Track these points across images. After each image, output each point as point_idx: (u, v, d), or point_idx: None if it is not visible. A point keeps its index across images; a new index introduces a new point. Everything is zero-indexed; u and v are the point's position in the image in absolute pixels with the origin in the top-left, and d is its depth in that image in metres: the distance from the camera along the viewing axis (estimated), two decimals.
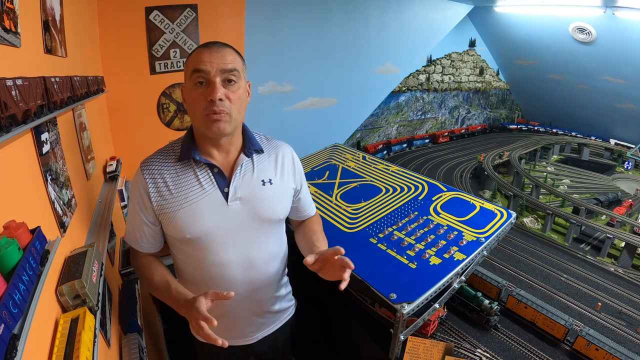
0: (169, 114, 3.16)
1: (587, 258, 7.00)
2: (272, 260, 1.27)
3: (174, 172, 1.11)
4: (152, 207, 1.10)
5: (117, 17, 2.70)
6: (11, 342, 0.55)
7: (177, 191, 1.09)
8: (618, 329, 4.58)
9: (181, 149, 1.13)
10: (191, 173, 1.11)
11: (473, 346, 3.76)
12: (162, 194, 1.09)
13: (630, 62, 9.63)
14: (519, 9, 10.62)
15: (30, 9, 1.10)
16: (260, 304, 1.31)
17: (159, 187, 1.09)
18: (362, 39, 6.93)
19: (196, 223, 1.09)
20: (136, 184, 1.12)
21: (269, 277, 1.27)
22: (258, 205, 1.15)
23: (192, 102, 1.04)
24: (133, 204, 1.14)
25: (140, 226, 1.14)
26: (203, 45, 1.08)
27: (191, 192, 1.10)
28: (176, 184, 1.10)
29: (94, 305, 0.93)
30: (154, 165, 1.11)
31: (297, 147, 1.36)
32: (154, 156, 1.14)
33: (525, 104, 15.23)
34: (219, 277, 1.17)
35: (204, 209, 1.10)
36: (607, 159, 12.48)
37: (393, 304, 1.34)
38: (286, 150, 1.25)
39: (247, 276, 1.20)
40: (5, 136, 0.70)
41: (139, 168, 1.12)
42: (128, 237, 1.19)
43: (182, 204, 1.09)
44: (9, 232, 0.69)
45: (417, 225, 1.81)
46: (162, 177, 1.10)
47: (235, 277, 1.18)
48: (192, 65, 1.04)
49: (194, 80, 1.03)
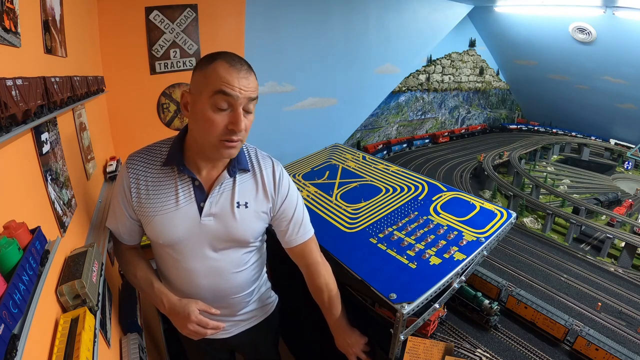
0: (169, 114, 3.16)
1: (587, 258, 7.00)
2: (244, 271, 1.26)
3: (155, 177, 1.11)
4: (132, 204, 1.12)
5: (117, 17, 2.71)
6: (11, 342, 0.55)
7: (155, 198, 1.10)
8: (618, 329, 4.59)
9: (168, 154, 1.11)
10: (172, 182, 1.10)
11: (473, 346, 3.76)
12: (140, 197, 1.10)
13: (630, 62, 9.63)
14: (519, 9, 10.62)
15: (30, 9, 1.10)
16: (231, 307, 1.32)
17: (140, 188, 1.10)
18: (362, 39, 6.93)
19: (169, 232, 1.11)
20: (121, 176, 1.13)
21: (239, 285, 1.27)
22: (230, 226, 1.13)
23: (206, 122, 0.98)
24: (116, 194, 1.14)
25: (122, 219, 1.16)
26: (228, 62, 0.97)
27: (168, 202, 1.10)
28: (156, 190, 1.10)
29: (94, 305, 0.93)
30: (139, 165, 1.11)
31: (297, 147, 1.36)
32: (141, 153, 1.13)
33: (525, 104, 15.22)
34: (188, 283, 1.21)
35: (178, 220, 1.10)
36: (607, 159, 12.48)
37: (393, 304, 1.34)
38: (270, 171, 1.19)
39: (214, 284, 1.21)
40: (5, 136, 0.70)
41: (126, 161, 1.13)
42: (110, 224, 1.20)
43: (158, 212, 1.10)
44: (9, 232, 0.69)
45: (417, 225, 1.81)
46: (145, 179, 1.10)
47: (201, 285, 1.20)
48: (217, 85, 0.95)
49: (216, 101, 0.96)
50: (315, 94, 6.46)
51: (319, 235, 1.41)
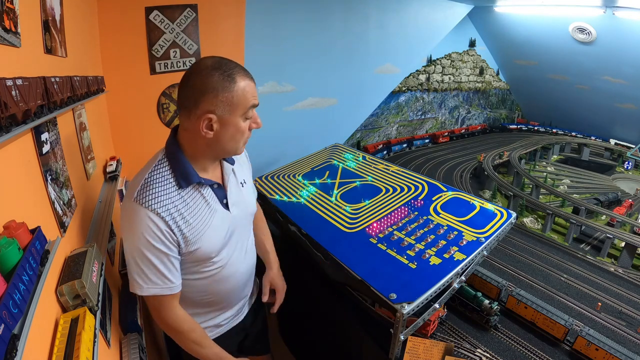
0: (169, 114, 3.16)
1: (587, 258, 6.99)
2: (253, 244, 1.44)
3: (182, 201, 1.08)
4: (178, 241, 1.07)
5: (117, 17, 2.70)
6: (11, 342, 0.55)
7: (194, 219, 1.10)
8: (618, 329, 4.58)
9: (179, 176, 1.08)
10: (198, 196, 1.13)
11: (473, 346, 3.76)
12: (184, 226, 1.07)
13: (630, 62, 9.62)
14: (519, 9, 10.62)
15: (30, 9, 1.10)
16: (249, 285, 1.47)
17: (178, 220, 1.06)
18: (362, 39, 6.93)
19: (219, 240, 1.17)
20: (148, 224, 1.01)
21: (254, 258, 1.45)
22: (246, 205, 1.30)
23: (239, 132, 1.09)
24: (149, 246, 1.03)
25: (170, 264, 1.08)
26: (247, 77, 1.06)
27: (205, 215, 1.13)
28: (189, 212, 1.09)
29: (94, 305, 0.93)
30: (163, 201, 1.04)
31: (297, 147, 1.39)
32: (152, 191, 1.04)
33: (525, 104, 15.22)
34: (229, 277, 1.27)
35: (218, 224, 1.16)
36: (607, 159, 12.47)
37: (393, 304, 1.34)
38: None
39: (249, 266, 1.38)
40: (5, 136, 0.70)
41: (143, 208, 1.01)
42: (154, 286, 1.06)
43: (203, 229, 1.12)
44: (9, 232, 0.69)
45: (417, 225, 1.81)
46: (175, 210, 1.06)
47: (242, 272, 1.33)
48: (250, 101, 1.06)
49: (248, 114, 1.08)
50: (315, 94, 6.45)
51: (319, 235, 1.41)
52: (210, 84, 1.00)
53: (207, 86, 1.00)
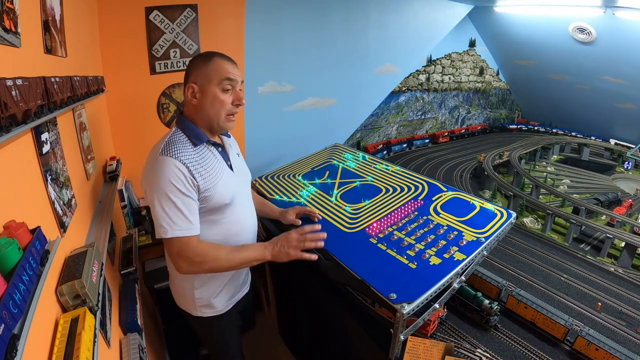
0: (169, 114, 3.16)
1: (587, 258, 6.99)
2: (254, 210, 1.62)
3: (199, 157, 1.29)
4: (198, 186, 1.25)
5: (117, 17, 2.70)
6: (11, 342, 0.55)
7: (209, 170, 1.30)
8: (618, 329, 4.59)
9: (193, 136, 1.30)
10: (209, 153, 1.34)
11: (473, 346, 3.76)
12: (202, 174, 1.26)
13: (630, 62, 9.62)
14: (519, 9, 10.61)
15: (30, 9, 1.10)
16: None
17: (198, 168, 1.25)
18: (362, 39, 6.92)
19: (230, 189, 1.36)
20: (174, 171, 1.20)
21: (256, 223, 1.60)
22: (245, 172, 1.54)
23: (217, 102, 1.29)
24: (175, 190, 1.20)
25: (192, 207, 1.25)
26: (222, 58, 1.30)
27: (217, 169, 1.34)
28: (205, 165, 1.29)
29: (94, 305, 0.93)
30: (184, 153, 1.24)
31: (297, 147, 1.41)
32: (175, 147, 1.24)
33: (525, 104, 15.22)
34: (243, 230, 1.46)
35: (227, 178, 1.37)
36: (607, 159, 12.47)
37: (393, 304, 1.34)
38: None
39: (254, 224, 1.56)
40: (5, 136, 0.70)
41: (170, 158, 1.20)
42: (179, 228, 1.22)
43: (218, 178, 1.31)
44: (9, 232, 0.69)
45: (417, 225, 1.81)
46: (195, 161, 1.26)
47: (250, 225, 1.52)
48: (224, 74, 1.27)
49: (224, 86, 1.28)
50: (315, 94, 6.44)
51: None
52: (195, 63, 1.29)
53: (192, 65, 1.30)
